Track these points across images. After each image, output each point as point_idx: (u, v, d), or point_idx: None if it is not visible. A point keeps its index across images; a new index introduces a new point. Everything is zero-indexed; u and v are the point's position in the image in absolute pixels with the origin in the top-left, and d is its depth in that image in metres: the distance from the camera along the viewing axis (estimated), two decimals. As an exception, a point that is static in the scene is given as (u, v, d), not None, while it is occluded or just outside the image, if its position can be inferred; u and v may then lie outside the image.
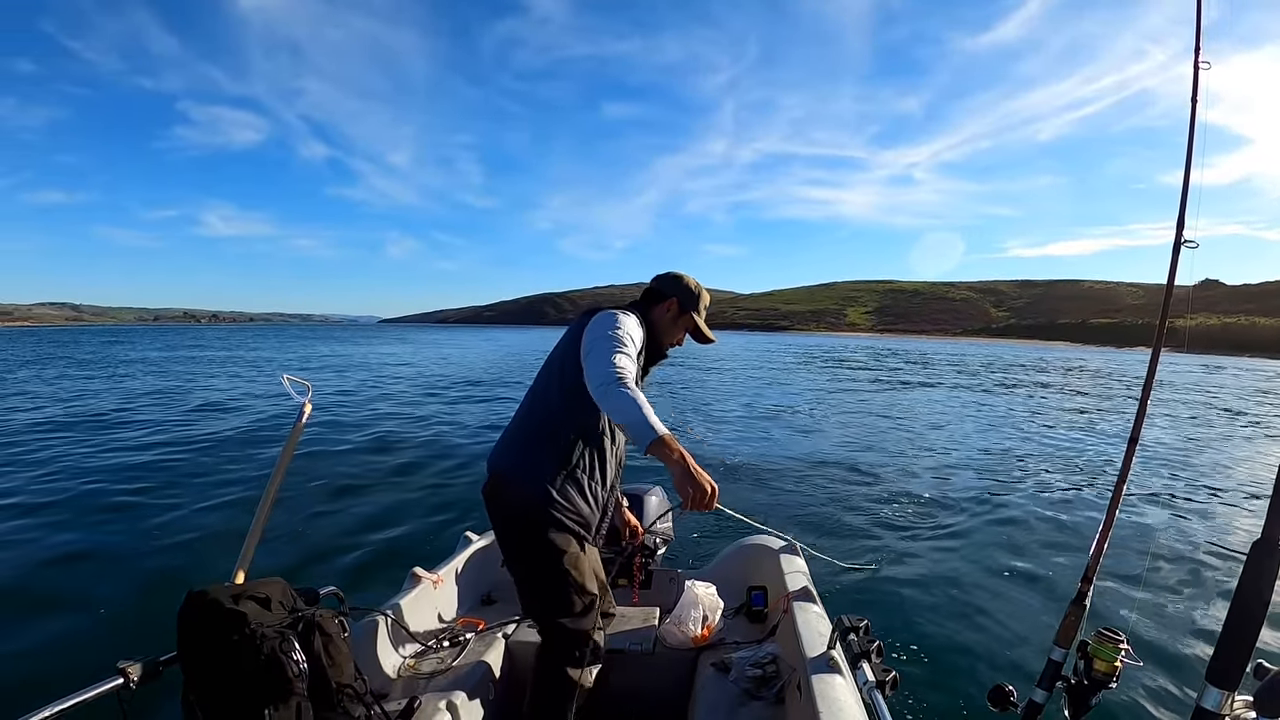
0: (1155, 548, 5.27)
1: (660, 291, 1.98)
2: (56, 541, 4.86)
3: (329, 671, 1.38)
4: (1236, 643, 0.95)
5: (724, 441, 9.84)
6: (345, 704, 1.38)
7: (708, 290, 2.04)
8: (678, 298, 1.95)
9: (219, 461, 7.78)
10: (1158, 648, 3.47)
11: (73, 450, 8.27)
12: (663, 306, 1.96)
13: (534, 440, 1.80)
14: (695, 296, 1.97)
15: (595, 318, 1.79)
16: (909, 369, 31.77)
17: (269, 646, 1.28)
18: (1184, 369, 41.10)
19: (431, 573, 2.41)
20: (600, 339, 1.69)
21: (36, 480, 6.72)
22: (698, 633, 2.22)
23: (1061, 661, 1.46)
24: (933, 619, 3.82)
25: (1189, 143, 1.62)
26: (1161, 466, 8.76)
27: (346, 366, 26.48)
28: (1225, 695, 0.94)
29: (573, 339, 1.80)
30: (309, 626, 1.39)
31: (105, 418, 11.15)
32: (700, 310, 2.00)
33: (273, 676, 1.25)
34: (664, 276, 2.02)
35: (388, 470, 7.58)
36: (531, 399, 1.88)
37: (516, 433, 1.86)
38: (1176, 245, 1.58)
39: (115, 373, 21.41)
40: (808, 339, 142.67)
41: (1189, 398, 16.90)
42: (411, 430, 10.46)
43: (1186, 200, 1.60)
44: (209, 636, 1.26)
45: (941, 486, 7.32)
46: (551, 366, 1.86)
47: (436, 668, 2.06)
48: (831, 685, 1.57)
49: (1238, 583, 0.97)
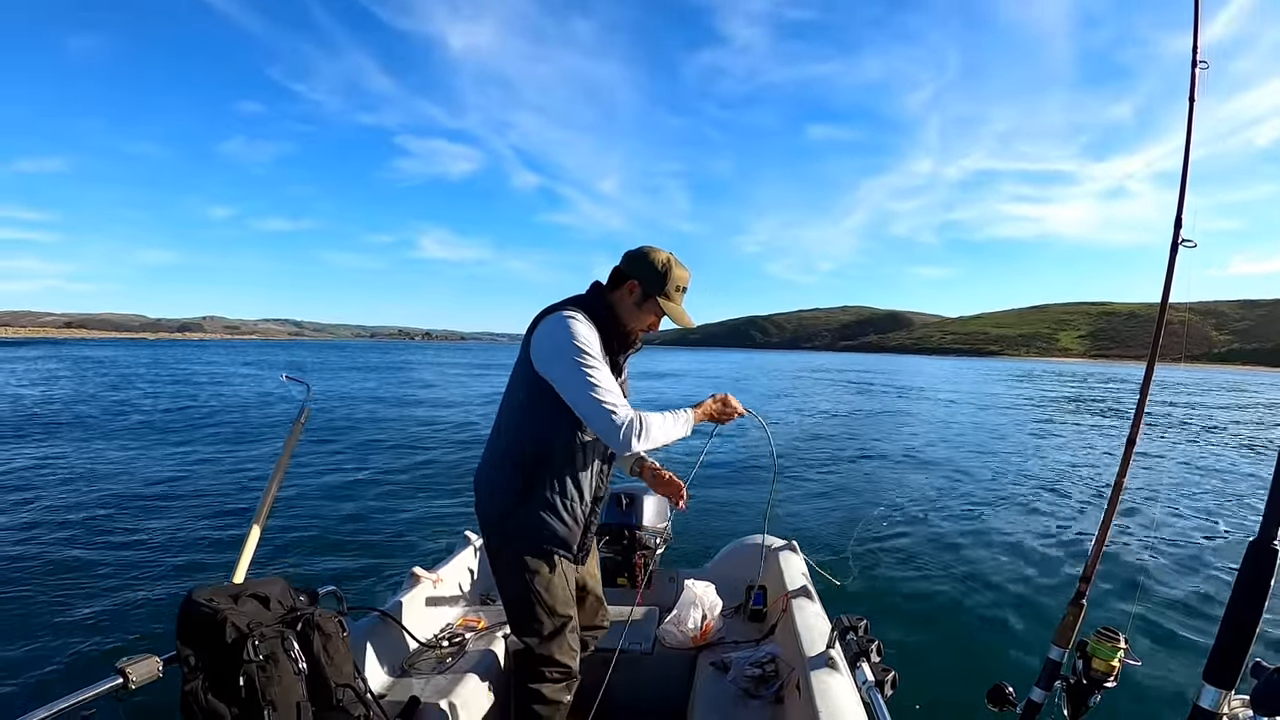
0: (1153, 548, 5.27)
1: (622, 272, 1.74)
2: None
3: (328, 671, 1.38)
4: (1233, 642, 0.95)
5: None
6: (344, 703, 1.38)
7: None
8: (639, 280, 1.70)
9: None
10: (1156, 647, 3.48)
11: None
12: (623, 289, 1.73)
13: (501, 460, 1.70)
14: (661, 277, 1.71)
15: (538, 333, 1.63)
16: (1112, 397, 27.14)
17: (268, 646, 1.28)
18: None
19: (431, 572, 2.40)
20: (567, 376, 1.56)
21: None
22: (697, 632, 2.22)
23: (1060, 661, 1.46)
24: (932, 618, 3.83)
25: (1186, 142, 1.62)
26: (1160, 467, 8.76)
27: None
28: (1222, 694, 0.94)
29: (525, 345, 1.67)
30: (308, 626, 1.39)
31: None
32: (670, 293, 1.73)
33: (271, 676, 1.25)
34: (631, 254, 1.76)
35: (389, 471, 7.58)
36: (498, 416, 1.77)
37: (487, 451, 1.78)
38: (1174, 245, 1.58)
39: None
40: (1018, 364, 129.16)
41: (1190, 400, 16.91)
42: (446, 432, 10.42)
43: (1184, 199, 1.60)
44: (208, 637, 1.26)
45: (942, 486, 7.32)
46: (513, 382, 1.72)
47: (435, 667, 2.06)
48: (830, 684, 1.57)
49: (1234, 582, 0.97)
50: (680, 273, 1.74)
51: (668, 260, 1.72)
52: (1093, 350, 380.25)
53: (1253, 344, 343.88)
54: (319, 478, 6.90)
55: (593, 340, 1.60)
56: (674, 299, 1.75)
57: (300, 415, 1.96)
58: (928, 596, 4.14)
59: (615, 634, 2.29)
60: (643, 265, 1.71)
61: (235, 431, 9.96)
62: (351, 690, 1.41)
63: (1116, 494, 1.59)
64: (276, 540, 4.85)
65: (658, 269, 1.70)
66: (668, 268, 1.71)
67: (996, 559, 4.90)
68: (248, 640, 1.26)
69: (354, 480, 6.98)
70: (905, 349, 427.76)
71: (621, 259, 1.76)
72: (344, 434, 9.81)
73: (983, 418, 14.12)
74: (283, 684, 1.26)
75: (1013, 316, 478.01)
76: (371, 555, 4.74)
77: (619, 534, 2.57)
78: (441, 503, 6.25)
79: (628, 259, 1.74)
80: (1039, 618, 3.85)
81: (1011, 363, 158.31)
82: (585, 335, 1.58)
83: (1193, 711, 0.95)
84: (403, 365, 40.45)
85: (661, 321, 1.79)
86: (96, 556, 4.61)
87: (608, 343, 1.67)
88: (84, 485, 6.54)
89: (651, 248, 1.74)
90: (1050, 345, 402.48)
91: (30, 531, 5.14)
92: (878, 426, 12.64)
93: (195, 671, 1.25)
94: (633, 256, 1.74)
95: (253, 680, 1.23)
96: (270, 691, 1.24)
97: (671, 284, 1.73)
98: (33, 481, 6.67)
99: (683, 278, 1.75)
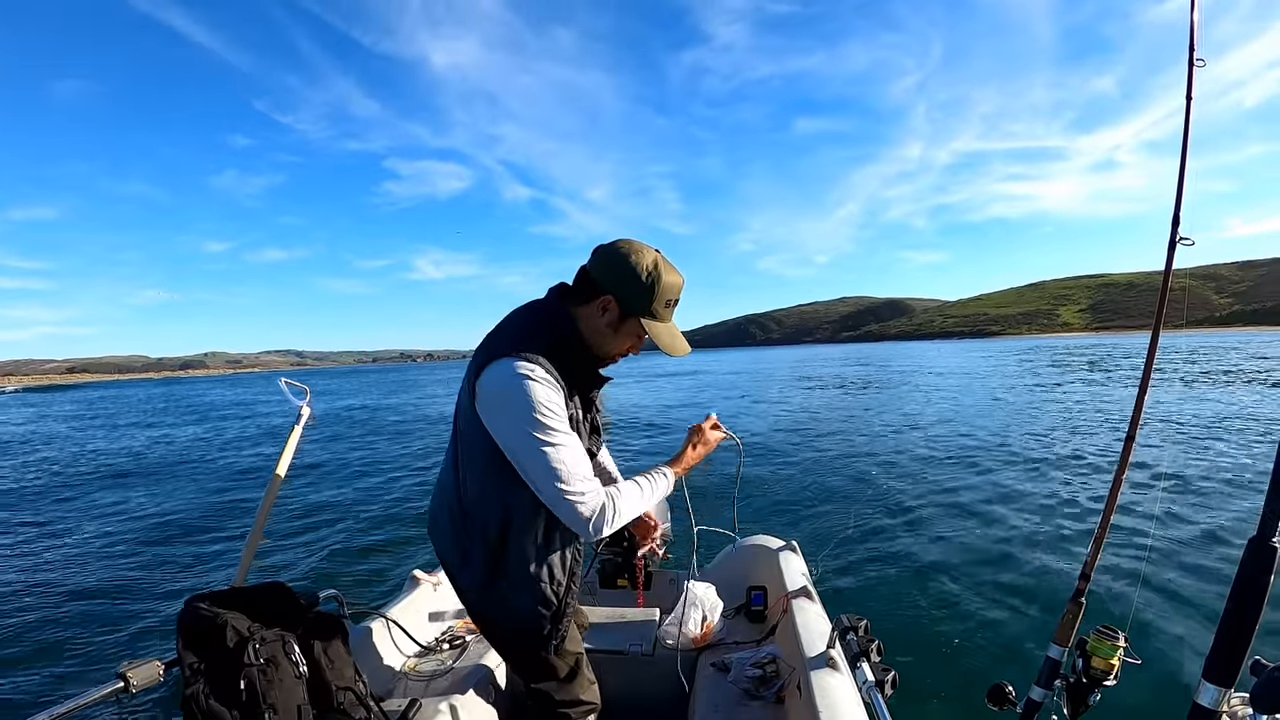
0: (1153, 544, 5.28)
1: (592, 284, 1.31)
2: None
3: (329, 674, 1.38)
4: (1233, 639, 0.95)
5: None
6: (345, 706, 1.38)
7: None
8: (614, 296, 1.29)
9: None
10: (1156, 645, 3.48)
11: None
12: (593, 307, 1.31)
13: (463, 526, 1.40)
14: (646, 291, 1.28)
15: (484, 383, 1.25)
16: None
17: (269, 650, 1.28)
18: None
19: (431, 575, 2.40)
20: (522, 454, 1.24)
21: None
22: (697, 633, 2.22)
23: (1060, 659, 1.46)
24: (932, 618, 3.83)
25: (1184, 140, 1.62)
26: (1160, 463, 8.77)
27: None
28: (1222, 692, 0.94)
29: (468, 413, 1.30)
30: (309, 629, 1.39)
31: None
32: (658, 311, 1.32)
33: (272, 680, 1.25)
34: (605, 254, 1.30)
35: (388, 473, 7.58)
36: (450, 463, 1.44)
37: (441, 506, 1.48)
38: (1172, 242, 1.58)
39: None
40: (1020, 342, 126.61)
41: (1194, 394, 16.95)
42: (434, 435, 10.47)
43: (1182, 197, 1.60)
44: (209, 640, 1.26)
45: (944, 485, 7.33)
46: (464, 429, 1.35)
47: (436, 670, 2.06)
48: (831, 685, 1.57)
49: (1234, 579, 0.97)
50: (671, 281, 1.31)
51: (654, 266, 1.28)
52: (1094, 323, 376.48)
53: (1253, 305, 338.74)
54: (320, 482, 6.90)
55: (554, 401, 1.25)
56: (662, 317, 1.34)
57: (299, 421, 1.96)
58: (927, 596, 4.15)
59: (616, 636, 2.29)
60: (620, 275, 1.28)
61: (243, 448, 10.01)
62: (352, 693, 1.41)
63: (1116, 490, 1.59)
64: (277, 544, 4.85)
65: (641, 280, 1.27)
66: (654, 277, 1.28)
67: (995, 557, 4.91)
68: (248, 644, 1.26)
69: (354, 484, 6.98)
70: (907, 336, 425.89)
71: (591, 257, 1.33)
72: (344, 436, 9.82)
73: (981, 407, 14.15)
74: (284, 687, 1.26)
75: (1011, 295, 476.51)
76: (372, 559, 4.75)
77: (619, 536, 2.57)
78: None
79: (601, 262, 1.31)
80: (1038, 616, 3.85)
81: (1013, 341, 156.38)
82: (544, 398, 1.23)
83: (1192, 709, 0.95)
84: (411, 383, 40.58)
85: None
86: (98, 562, 4.61)
87: (575, 379, 1.33)
88: (84, 495, 6.54)
89: (632, 246, 1.30)
90: (1051, 321, 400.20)
91: (32, 538, 5.13)
92: (874, 421, 12.65)
93: (196, 675, 1.25)
94: (607, 260, 1.30)
95: (254, 684, 1.24)
96: (271, 695, 1.24)
97: (660, 299, 1.30)
98: (34, 497, 6.67)
99: (674, 287, 1.32)
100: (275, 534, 5.00)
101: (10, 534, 5.21)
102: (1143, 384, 1.64)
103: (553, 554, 1.41)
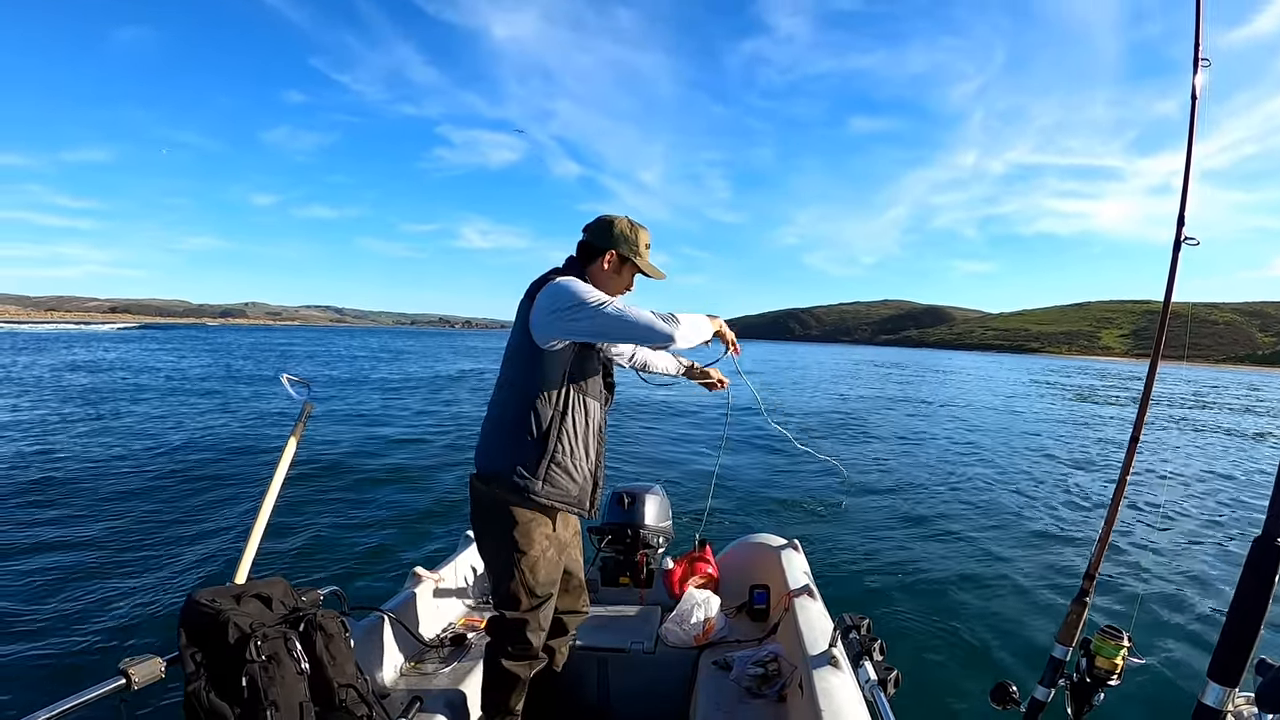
0: (1157, 545, 5.26)
1: (593, 246, 1.82)
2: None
3: (330, 671, 1.38)
4: (1238, 639, 0.94)
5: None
6: (347, 703, 1.39)
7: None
8: (614, 249, 1.80)
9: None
10: (1160, 645, 3.47)
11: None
12: (599, 262, 1.81)
13: (512, 427, 1.73)
14: (633, 241, 1.81)
15: (541, 299, 1.67)
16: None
17: (271, 646, 1.28)
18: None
19: (433, 572, 2.41)
20: (593, 318, 1.60)
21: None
22: (699, 631, 2.22)
23: (1064, 659, 1.46)
24: (935, 617, 3.82)
25: (1189, 139, 1.61)
26: (1164, 464, 8.74)
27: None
28: (1227, 691, 0.94)
29: (522, 320, 1.72)
30: (311, 626, 1.39)
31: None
32: (641, 252, 1.84)
33: (274, 677, 1.25)
34: (593, 227, 1.84)
35: (390, 470, 7.59)
36: (497, 389, 1.82)
37: (491, 422, 1.80)
38: (1177, 243, 1.57)
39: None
40: (1056, 362, 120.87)
41: (1198, 399, 16.89)
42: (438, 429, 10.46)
43: (1187, 196, 1.59)
44: (211, 637, 1.27)
45: (945, 484, 7.32)
46: (512, 354, 1.77)
47: (438, 667, 2.06)
48: (833, 683, 1.57)
49: (1239, 579, 0.97)
50: (643, 230, 1.86)
51: (629, 223, 1.83)
52: (1135, 349, 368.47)
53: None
54: (321, 476, 6.91)
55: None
56: (645, 256, 1.86)
57: (302, 415, 1.96)
58: (930, 595, 4.14)
59: (618, 633, 2.29)
60: (613, 235, 1.81)
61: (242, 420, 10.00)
62: (354, 690, 1.41)
63: (1120, 491, 1.58)
64: (278, 540, 4.85)
65: (627, 233, 1.81)
66: (634, 230, 1.83)
67: (1000, 557, 4.90)
68: (250, 640, 1.26)
69: (357, 479, 6.98)
70: (945, 344, 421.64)
71: (585, 232, 1.85)
72: (346, 434, 9.82)
73: (999, 417, 14.13)
74: (285, 684, 1.26)
75: (1055, 313, 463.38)
76: (373, 555, 4.75)
77: (621, 533, 2.57)
78: (444, 501, 6.26)
79: (595, 231, 1.83)
80: (1042, 616, 3.84)
81: (1050, 360, 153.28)
82: (589, 286, 1.68)
83: (1197, 709, 0.95)
84: (447, 350, 41.45)
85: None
86: (98, 555, 4.61)
87: None
88: (85, 481, 6.55)
89: (611, 217, 1.84)
90: (1092, 343, 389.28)
91: (30, 527, 5.14)
92: (885, 424, 12.64)
93: (198, 672, 1.25)
94: (600, 228, 1.83)
95: (255, 680, 1.24)
96: (273, 692, 1.24)
97: (640, 243, 1.83)
98: (36, 471, 6.68)
99: (646, 236, 1.86)
100: (277, 529, 5.01)
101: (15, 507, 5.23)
102: (1146, 385, 1.64)
103: (587, 439, 1.80)
